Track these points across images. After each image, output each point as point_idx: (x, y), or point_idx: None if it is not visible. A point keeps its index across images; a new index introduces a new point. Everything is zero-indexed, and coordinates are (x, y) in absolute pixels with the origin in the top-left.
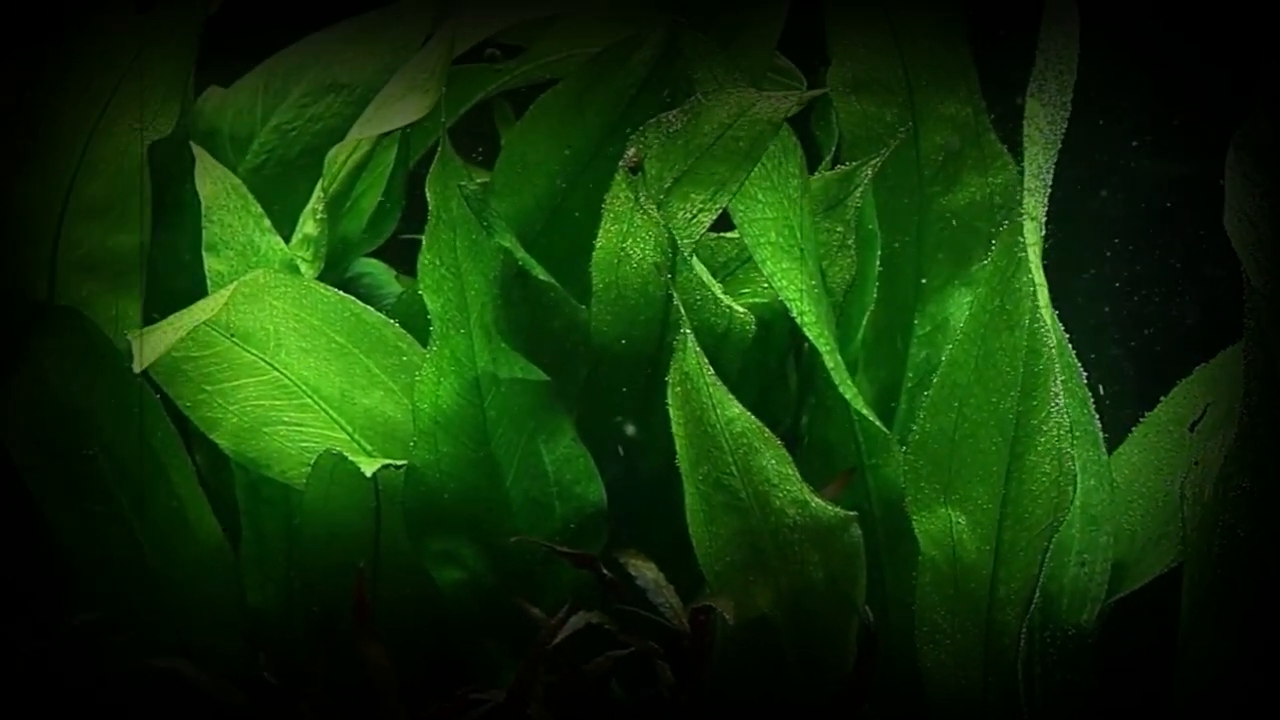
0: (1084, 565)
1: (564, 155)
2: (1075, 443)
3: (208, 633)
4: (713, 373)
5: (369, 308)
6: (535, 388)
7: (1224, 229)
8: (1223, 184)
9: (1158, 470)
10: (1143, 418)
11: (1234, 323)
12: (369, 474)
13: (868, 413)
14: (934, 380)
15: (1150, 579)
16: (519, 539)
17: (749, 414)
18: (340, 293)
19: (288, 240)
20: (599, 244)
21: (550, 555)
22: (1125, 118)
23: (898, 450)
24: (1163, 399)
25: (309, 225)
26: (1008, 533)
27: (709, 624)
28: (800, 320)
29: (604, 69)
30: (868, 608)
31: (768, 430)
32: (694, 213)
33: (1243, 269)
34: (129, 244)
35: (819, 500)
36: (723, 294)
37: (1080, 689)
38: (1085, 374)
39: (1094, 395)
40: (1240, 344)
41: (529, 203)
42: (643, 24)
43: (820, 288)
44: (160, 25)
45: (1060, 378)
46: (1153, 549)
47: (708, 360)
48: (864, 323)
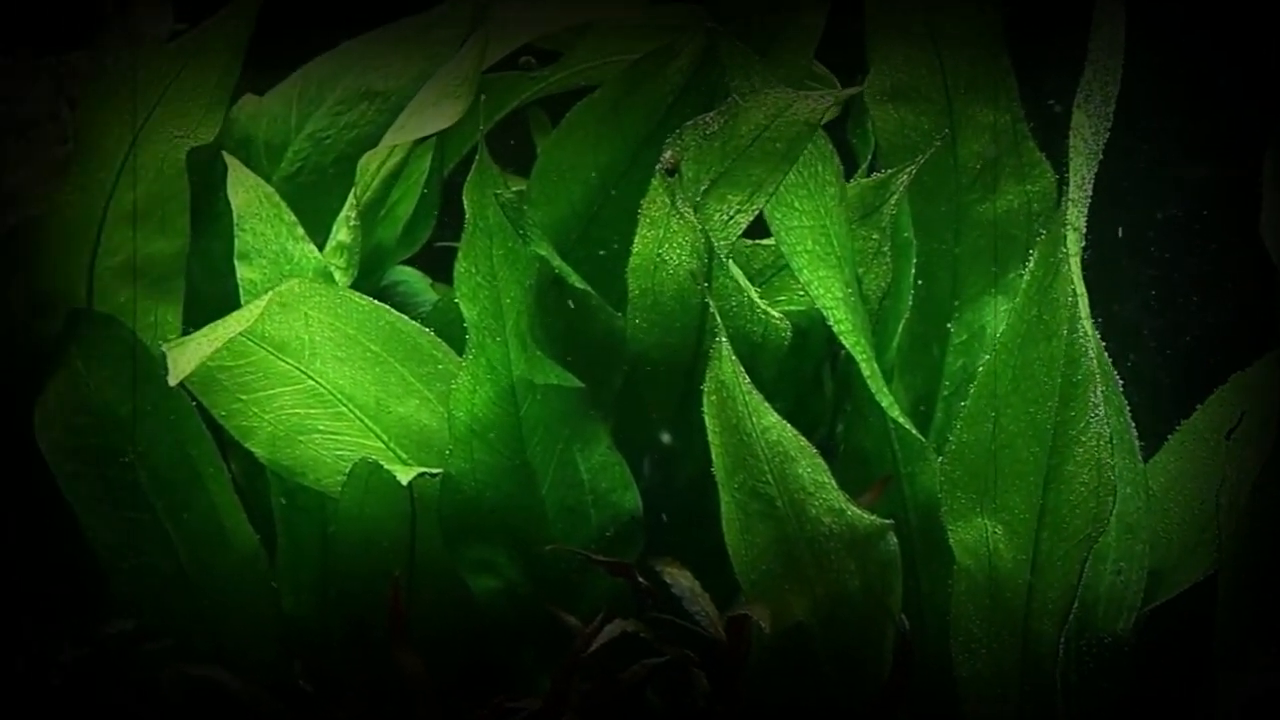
0: (1120, 573)
1: (600, 163)
2: (1113, 450)
3: (243, 640)
4: (748, 381)
5: (404, 316)
6: (571, 395)
7: (1260, 235)
8: (1259, 189)
9: (1194, 478)
10: (1179, 426)
11: (1270, 330)
12: (405, 482)
13: (904, 421)
14: (971, 390)
15: (1186, 587)
16: (554, 547)
17: (785, 422)
18: (375, 301)
19: (323, 248)
20: (635, 250)
21: (586, 563)
22: (1158, 123)
23: (934, 458)
24: (1199, 407)
25: (343, 232)
26: (1045, 543)
27: (745, 632)
28: (837, 328)
29: (641, 77)
30: (903, 616)
31: (803, 438)
32: (731, 214)
33: (1278, 275)
34: (169, 250)
35: (855, 508)
36: (759, 299)
37: (1116, 697)
38: (1121, 382)
39: (1129, 403)
40: (1277, 351)
41: (565, 210)
42: (679, 32)
43: (856, 295)
44: (207, 38)
45: (1101, 387)
46: (1189, 557)
47: (743, 368)
48: (899, 330)
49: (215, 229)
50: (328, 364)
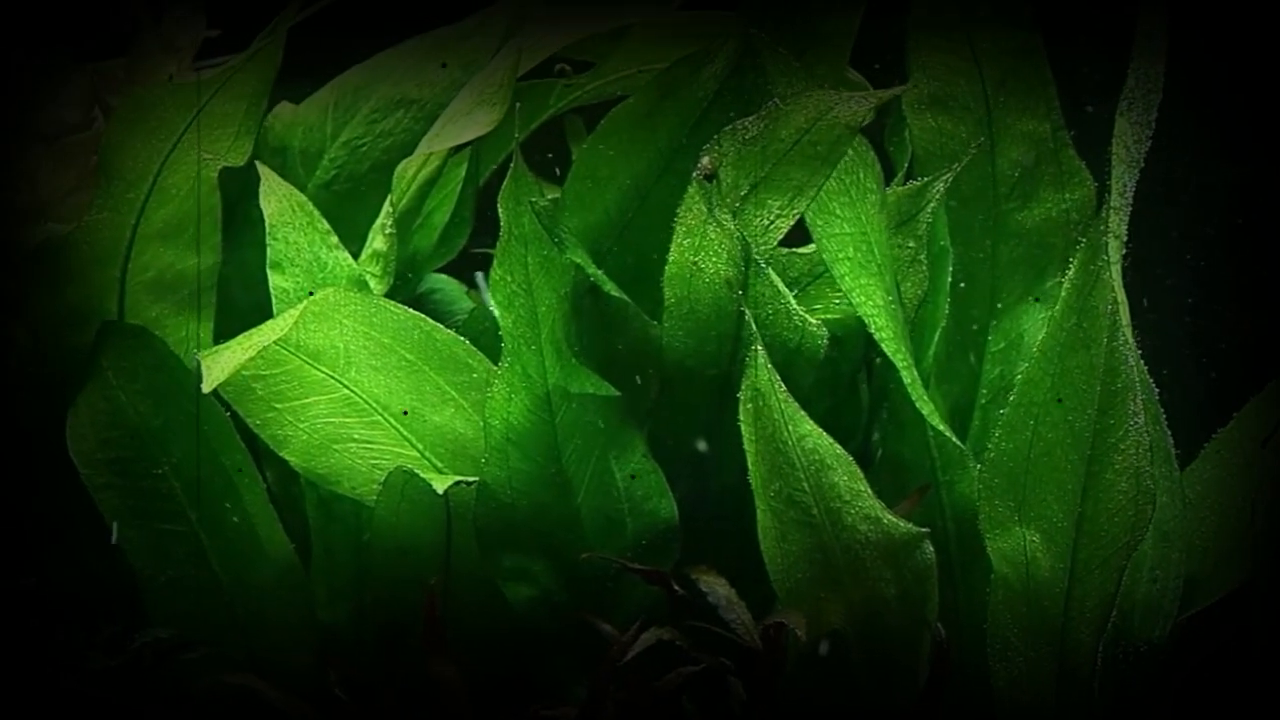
0: (1156, 581)
1: (635, 169)
2: (1150, 459)
3: (278, 649)
4: (784, 389)
5: (439, 325)
6: (606, 404)
7: None
8: None
9: (1229, 487)
10: (1215, 434)
11: None
12: (440, 491)
13: (944, 428)
14: (1010, 398)
15: (1222, 595)
16: (590, 555)
17: (821, 430)
18: (410, 310)
19: (358, 256)
20: (671, 258)
21: (622, 571)
22: (1194, 126)
23: (973, 466)
24: (1235, 415)
25: (378, 241)
26: (1083, 551)
27: (781, 640)
28: (878, 336)
29: (674, 84)
30: (940, 624)
31: (839, 447)
32: (771, 219)
33: None
34: (200, 267)
35: (891, 517)
36: (796, 305)
37: (1152, 705)
38: (1157, 390)
39: (1165, 411)
40: None
41: (600, 218)
42: (713, 39)
43: (897, 303)
44: (235, 76)
45: (1139, 395)
46: (1224, 565)
47: (780, 376)
48: (935, 339)
49: (251, 238)
50: (363, 372)
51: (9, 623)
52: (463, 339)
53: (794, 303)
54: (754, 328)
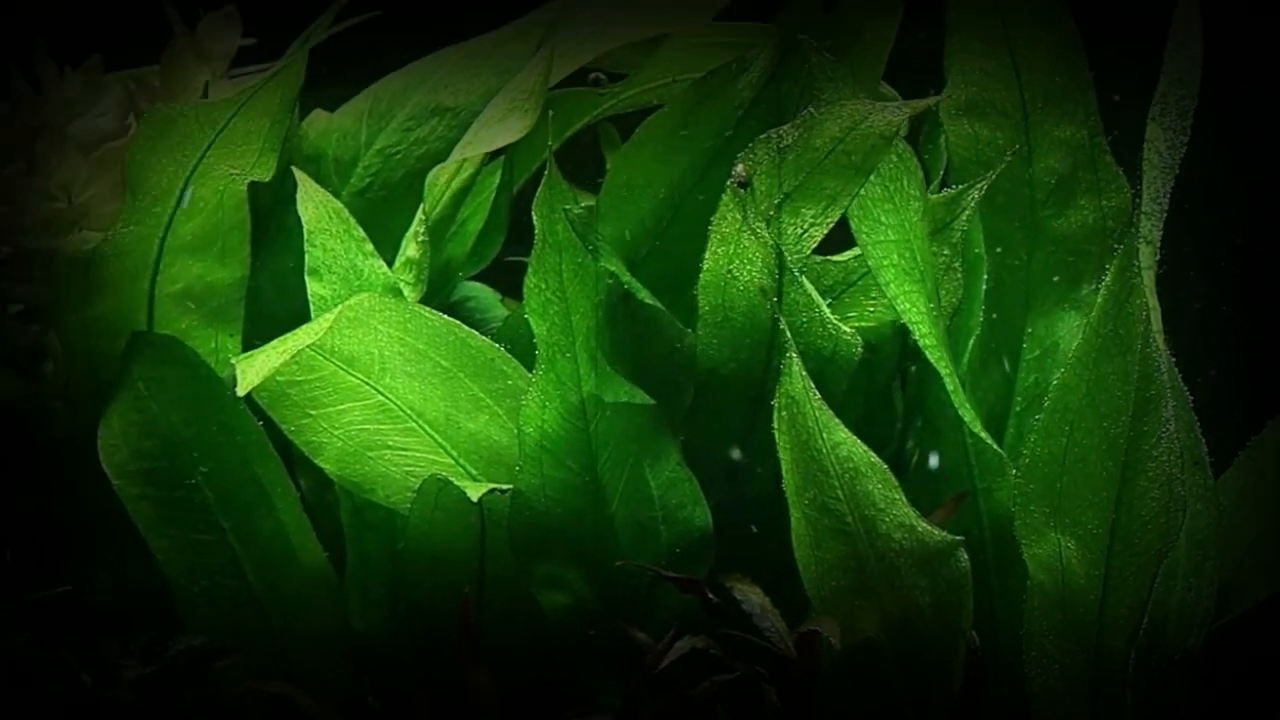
0: (1190, 590)
1: (670, 178)
2: (1182, 466)
3: (312, 657)
4: (819, 397)
5: (474, 332)
6: (641, 411)
7: None
8: None
9: (1264, 495)
10: (1249, 442)
11: None
12: (475, 498)
13: (985, 435)
14: (1045, 404)
15: (1257, 603)
16: (624, 563)
17: (855, 438)
18: (445, 316)
19: (392, 264)
20: (705, 266)
21: (656, 579)
22: (1233, 130)
23: (1011, 473)
24: (1269, 422)
25: (411, 248)
26: (1117, 558)
27: (815, 648)
28: (922, 342)
29: (709, 93)
30: (974, 632)
31: (874, 454)
32: (805, 228)
33: None
34: (228, 279)
35: (925, 524)
36: (829, 313)
37: (1187, 713)
38: (1191, 397)
39: (1200, 418)
40: None
41: (634, 226)
42: (748, 48)
43: (938, 310)
44: (258, 94)
45: (1170, 402)
46: (1259, 573)
47: (813, 384)
48: (970, 346)
49: (286, 245)
50: (398, 379)
51: (45, 630)
52: (497, 346)
53: (828, 311)
54: (788, 335)
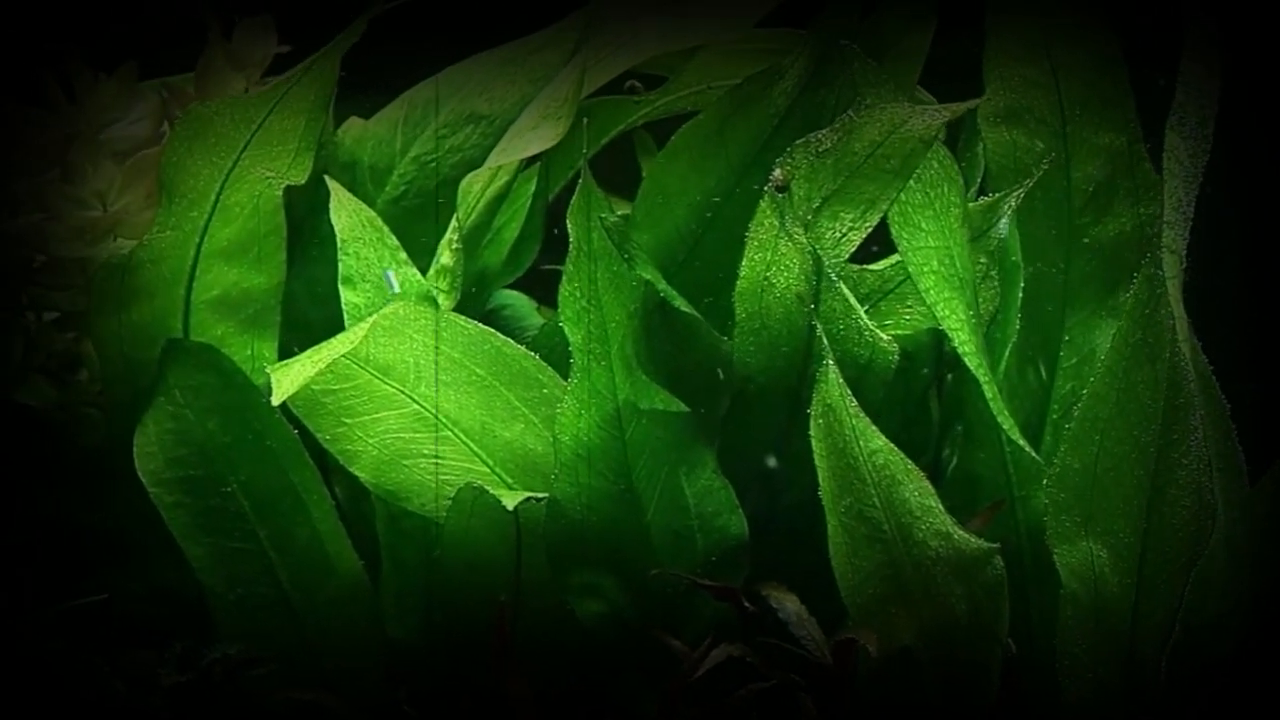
0: (1225, 598)
1: (705, 186)
2: (1218, 475)
3: (347, 665)
4: (855, 404)
5: (509, 340)
6: (676, 420)
7: None
8: None
9: None
10: None
11: None
12: (510, 507)
13: (1023, 442)
14: (1075, 413)
15: None
16: (660, 571)
17: (892, 445)
18: (480, 325)
19: (428, 271)
20: (742, 273)
21: (692, 588)
22: (1256, 132)
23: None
24: None
25: (445, 256)
26: (1149, 566)
27: (851, 656)
28: (961, 350)
29: (745, 100)
30: (1011, 640)
31: (910, 462)
32: (843, 232)
33: None
34: (265, 286)
35: (962, 532)
36: (867, 320)
37: None
38: (1229, 405)
39: (1236, 426)
40: None
41: (670, 234)
42: (783, 55)
43: (978, 318)
44: (291, 89)
45: (1201, 410)
46: None
47: (850, 391)
48: (1006, 354)
49: (320, 254)
50: (432, 387)
51: (80, 639)
52: (533, 354)
53: (865, 318)
54: (825, 343)
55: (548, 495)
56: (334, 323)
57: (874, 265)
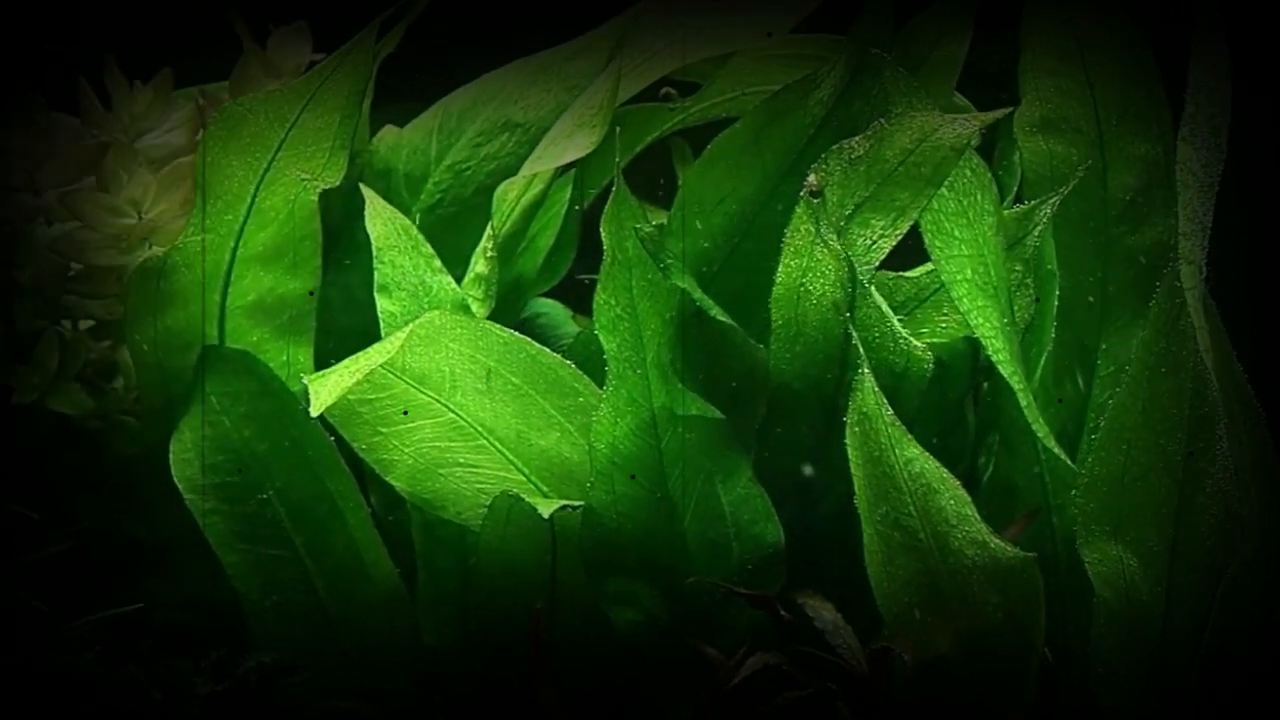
0: (1262, 607)
1: (741, 194)
2: (1256, 483)
3: (383, 673)
4: (891, 412)
5: (545, 348)
6: (712, 427)
7: None
8: None
9: None
10: None
11: None
12: (546, 515)
13: (1059, 451)
14: (1102, 423)
15: None
16: (696, 580)
17: (927, 454)
18: (516, 333)
19: (463, 279)
20: (778, 280)
21: (727, 596)
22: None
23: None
24: None
25: (480, 264)
26: (1179, 574)
27: (887, 665)
28: (995, 358)
29: (782, 108)
30: (1047, 649)
31: (946, 470)
32: (874, 239)
33: None
34: (300, 291)
35: (998, 541)
36: (901, 328)
37: None
38: (1264, 413)
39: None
40: None
41: (706, 242)
42: (818, 62)
43: (1012, 325)
44: (324, 84)
45: (1237, 420)
46: None
47: (886, 400)
48: (1042, 363)
49: (355, 261)
50: (469, 396)
51: (116, 647)
52: (568, 363)
53: (900, 326)
54: (861, 350)
55: (583, 503)
56: (368, 330)
57: (910, 273)
